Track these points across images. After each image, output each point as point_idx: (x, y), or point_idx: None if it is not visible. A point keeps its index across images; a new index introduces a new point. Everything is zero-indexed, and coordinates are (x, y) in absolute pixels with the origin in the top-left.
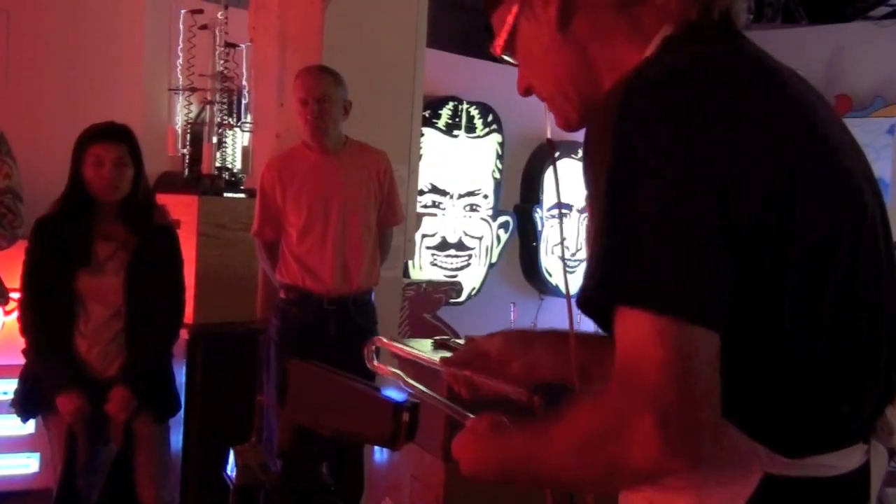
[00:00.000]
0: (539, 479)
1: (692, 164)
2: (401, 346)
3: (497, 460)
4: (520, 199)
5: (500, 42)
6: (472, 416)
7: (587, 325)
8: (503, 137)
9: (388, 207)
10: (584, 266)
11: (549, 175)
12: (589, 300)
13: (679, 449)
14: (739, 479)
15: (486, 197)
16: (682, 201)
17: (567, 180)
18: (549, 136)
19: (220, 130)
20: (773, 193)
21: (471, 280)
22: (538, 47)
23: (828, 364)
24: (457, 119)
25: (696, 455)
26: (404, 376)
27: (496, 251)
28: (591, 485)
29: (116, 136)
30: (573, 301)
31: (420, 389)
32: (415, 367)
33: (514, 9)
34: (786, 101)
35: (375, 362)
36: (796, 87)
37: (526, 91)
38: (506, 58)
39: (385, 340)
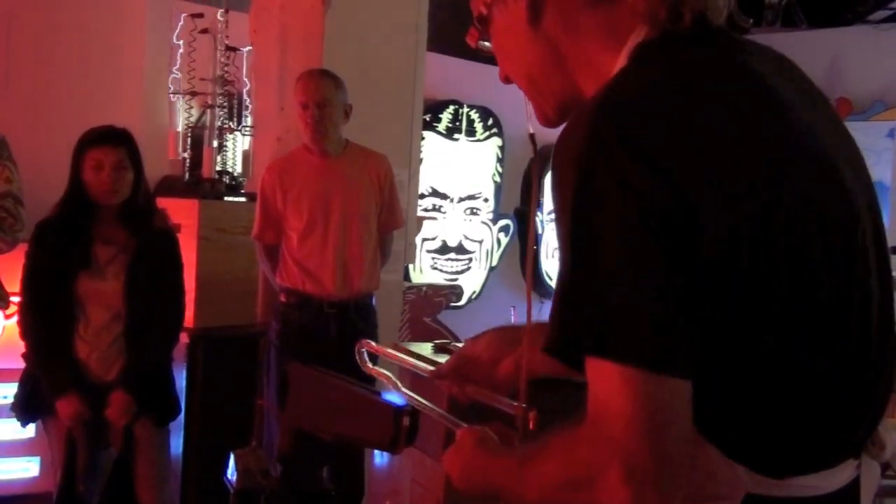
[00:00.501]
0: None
1: (653, 196)
2: (392, 351)
3: (480, 481)
4: (520, 202)
5: (472, 32)
6: (463, 425)
7: None
8: (503, 141)
9: (388, 211)
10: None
11: (549, 179)
12: (555, 350)
13: (648, 501)
14: (721, 493)
15: (486, 200)
16: (642, 241)
17: None
18: (531, 130)
19: (221, 134)
20: (749, 218)
21: (471, 284)
22: (510, 40)
23: (816, 382)
24: (457, 122)
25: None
26: (398, 382)
27: (496, 255)
28: None
29: (116, 139)
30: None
31: (412, 396)
32: (412, 371)
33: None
34: (766, 113)
35: (369, 365)
36: (781, 92)
37: (506, 79)
38: (483, 45)
39: (374, 345)
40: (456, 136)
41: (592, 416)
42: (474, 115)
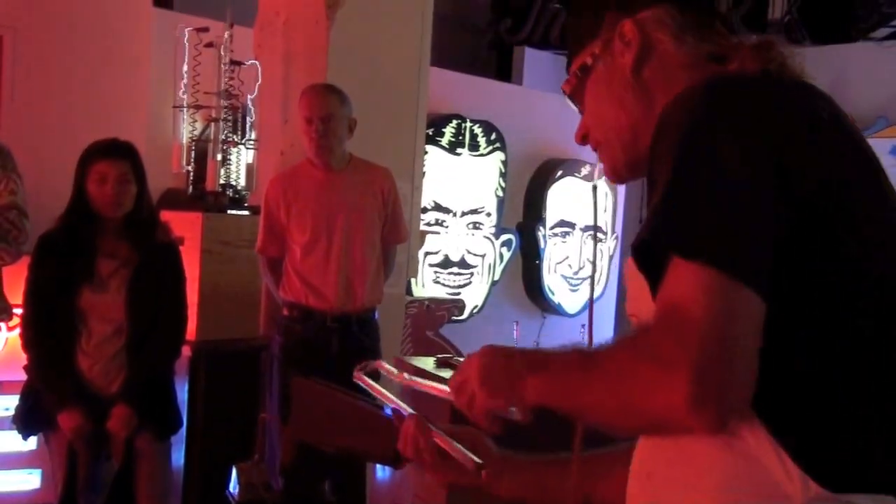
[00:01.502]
0: (556, 398)
1: (761, 143)
2: (393, 369)
3: (507, 379)
4: (522, 217)
5: (572, 80)
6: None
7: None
8: (506, 156)
9: (392, 225)
10: (586, 284)
11: (551, 193)
12: (644, 246)
13: (704, 408)
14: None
15: (489, 215)
16: (749, 174)
17: (569, 199)
18: (594, 182)
19: (225, 147)
20: (832, 183)
21: (473, 298)
22: (607, 90)
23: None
24: (460, 137)
25: (719, 418)
26: (395, 399)
27: (499, 269)
28: (604, 413)
29: (119, 152)
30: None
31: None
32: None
33: (596, 51)
34: (841, 118)
35: (364, 377)
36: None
37: (583, 138)
38: (570, 104)
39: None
40: (459, 150)
41: (667, 317)
42: (477, 130)
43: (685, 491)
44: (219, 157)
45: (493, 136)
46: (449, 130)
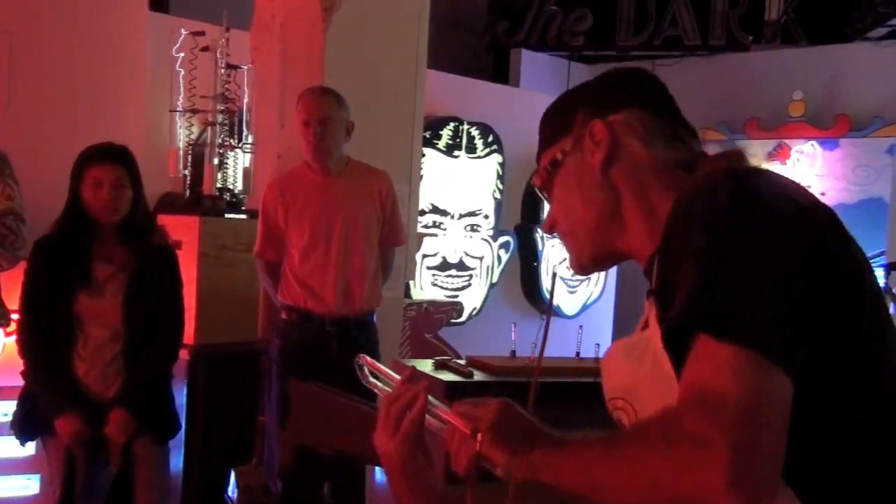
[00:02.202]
0: (566, 473)
1: (791, 225)
2: (387, 370)
3: (528, 464)
4: (520, 219)
5: (542, 174)
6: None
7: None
8: (504, 158)
9: (390, 228)
10: (584, 286)
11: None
12: (676, 327)
13: (741, 490)
14: None
15: (486, 217)
16: (780, 258)
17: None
18: (555, 269)
19: (222, 151)
20: (848, 272)
21: (472, 300)
22: (576, 185)
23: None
24: (457, 139)
25: (755, 497)
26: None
27: (497, 271)
28: (627, 493)
29: (115, 157)
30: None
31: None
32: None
33: (567, 147)
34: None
35: (370, 378)
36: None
37: (550, 228)
38: (539, 195)
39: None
40: (456, 152)
41: (698, 394)
42: (474, 132)
43: None
44: (216, 160)
45: (491, 139)
46: (446, 133)
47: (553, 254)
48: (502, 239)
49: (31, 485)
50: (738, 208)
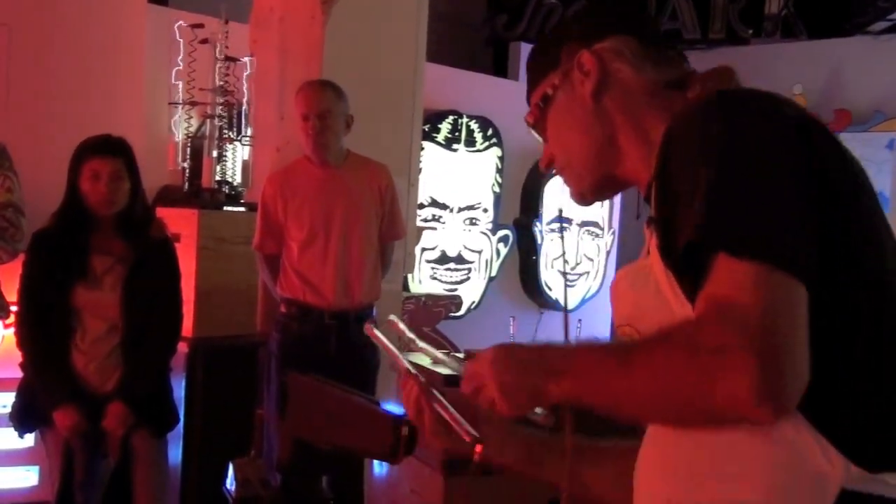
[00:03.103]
0: (592, 392)
1: (796, 144)
2: (406, 330)
3: (535, 382)
4: (519, 212)
5: (534, 111)
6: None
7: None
8: (503, 151)
9: (389, 222)
10: (583, 279)
11: (548, 189)
12: (692, 246)
13: (770, 397)
14: (816, 495)
15: (485, 211)
16: (789, 174)
17: (566, 194)
18: (560, 207)
19: (221, 144)
20: (849, 183)
21: (470, 294)
22: (569, 118)
23: None
24: (456, 133)
25: (782, 408)
26: (402, 357)
27: (496, 265)
28: (651, 407)
29: (113, 149)
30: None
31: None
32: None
33: (556, 81)
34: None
35: (376, 331)
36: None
37: (548, 165)
38: (534, 134)
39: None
40: (455, 146)
41: (718, 308)
42: (474, 126)
43: (723, 482)
44: (214, 153)
45: (490, 132)
46: (445, 126)
47: (552, 248)
48: (501, 233)
49: (30, 476)
50: (736, 132)
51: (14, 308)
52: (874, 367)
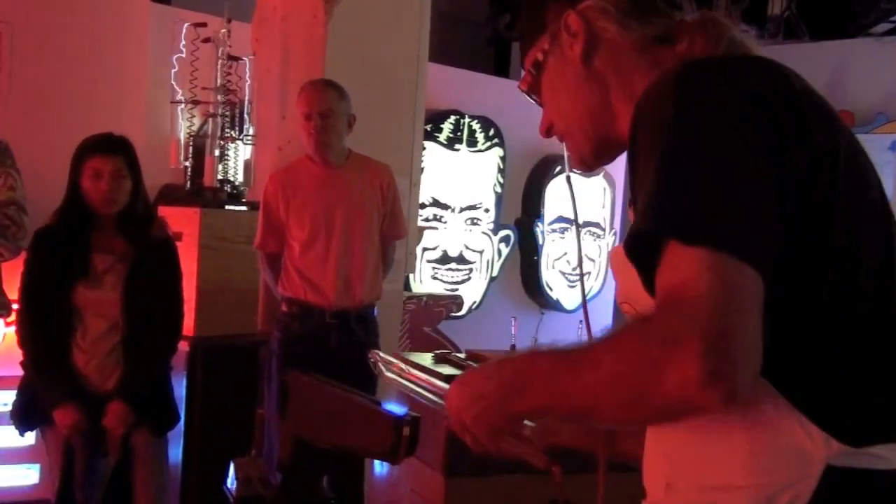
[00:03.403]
0: (554, 401)
1: (751, 121)
2: (403, 364)
3: (498, 392)
4: (521, 212)
5: (527, 78)
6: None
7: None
8: (504, 151)
9: (391, 221)
10: (586, 279)
11: (550, 189)
12: (639, 235)
13: (718, 381)
14: (801, 473)
15: (487, 211)
16: (741, 155)
17: (567, 195)
18: (567, 173)
19: (223, 143)
20: (822, 153)
21: (472, 294)
22: (562, 82)
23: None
24: (458, 133)
25: (732, 392)
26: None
27: (497, 265)
28: (610, 410)
29: (114, 148)
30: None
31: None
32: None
33: (545, 46)
34: (813, 92)
35: (388, 374)
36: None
37: (547, 131)
38: (531, 99)
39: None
40: (457, 146)
41: (669, 297)
42: (475, 126)
43: (712, 465)
44: (216, 152)
45: (492, 132)
46: (447, 126)
47: (553, 248)
48: (503, 233)
49: (31, 474)
50: (689, 114)
51: (15, 306)
52: (850, 343)
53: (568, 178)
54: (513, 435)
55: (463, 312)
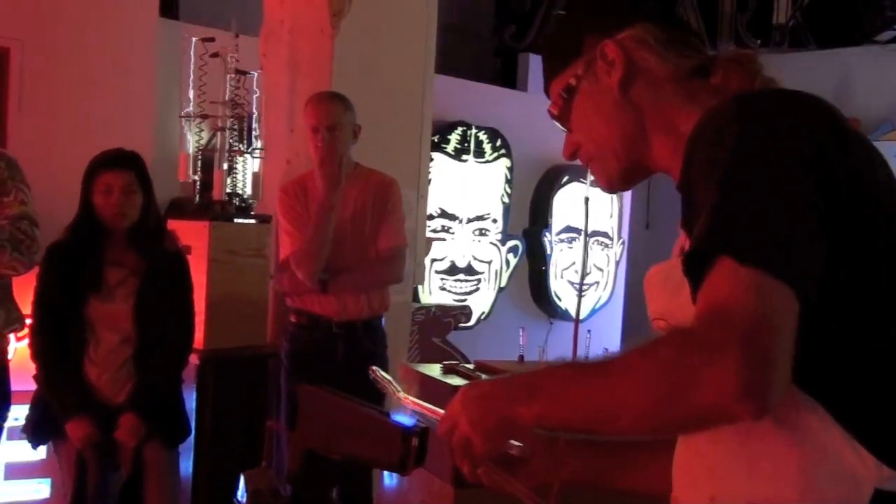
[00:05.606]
0: (566, 407)
1: (806, 153)
2: (408, 398)
3: (506, 407)
4: (528, 223)
5: (559, 102)
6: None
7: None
8: (512, 162)
9: (379, 228)
10: (593, 290)
11: (557, 199)
12: (698, 253)
13: (753, 394)
14: (851, 495)
15: (495, 221)
16: (797, 186)
17: (575, 205)
18: (587, 196)
19: (231, 156)
20: (869, 184)
21: (480, 304)
22: (597, 108)
23: None
24: (466, 144)
25: (765, 406)
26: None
27: (505, 275)
28: (634, 415)
29: (125, 163)
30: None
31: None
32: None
33: (579, 71)
34: (853, 126)
35: (402, 394)
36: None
37: (572, 154)
38: (558, 125)
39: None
40: (464, 157)
41: (712, 310)
42: (483, 137)
43: (761, 482)
44: (225, 166)
45: (499, 143)
46: (454, 137)
47: (561, 258)
48: (511, 243)
49: (42, 488)
50: (749, 141)
51: (28, 321)
52: (884, 357)
53: (586, 199)
54: (502, 458)
55: (472, 323)
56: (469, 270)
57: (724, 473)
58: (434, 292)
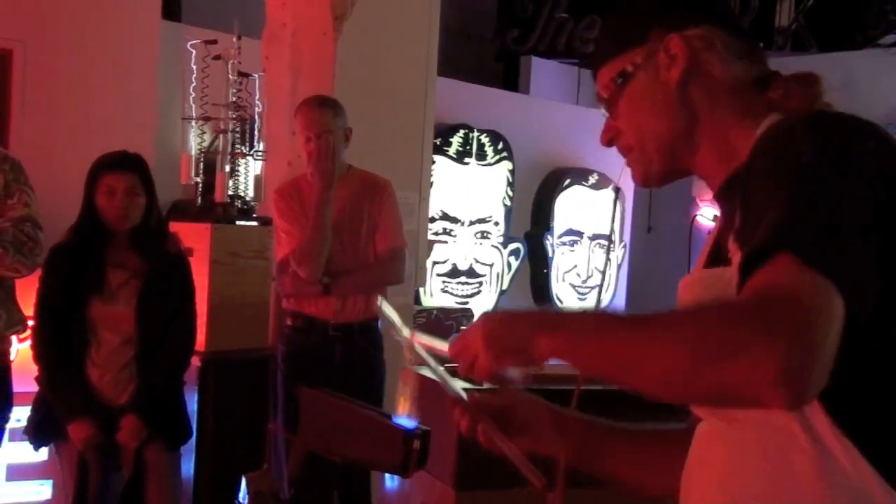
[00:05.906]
0: (588, 345)
1: (872, 172)
2: (427, 343)
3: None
4: (530, 226)
5: (610, 86)
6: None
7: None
8: (513, 165)
9: (375, 230)
10: (594, 292)
11: (559, 202)
12: (761, 247)
13: (790, 383)
14: None
15: (496, 224)
16: (863, 202)
17: (577, 208)
18: (617, 185)
19: (233, 159)
20: None
21: (482, 307)
22: (647, 100)
23: None
24: (467, 147)
25: (800, 397)
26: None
27: (507, 278)
28: (656, 371)
29: (128, 165)
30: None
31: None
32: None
33: (638, 60)
34: None
35: (406, 333)
36: None
37: (609, 140)
38: (602, 108)
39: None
40: (466, 160)
41: (771, 291)
42: (484, 139)
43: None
44: (227, 168)
45: (501, 146)
46: (456, 140)
47: (563, 261)
48: (512, 246)
49: (44, 490)
50: (823, 153)
51: (30, 322)
52: None
53: (616, 188)
54: (504, 380)
55: None
56: (471, 273)
57: (744, 490)
58: (436, 295)
